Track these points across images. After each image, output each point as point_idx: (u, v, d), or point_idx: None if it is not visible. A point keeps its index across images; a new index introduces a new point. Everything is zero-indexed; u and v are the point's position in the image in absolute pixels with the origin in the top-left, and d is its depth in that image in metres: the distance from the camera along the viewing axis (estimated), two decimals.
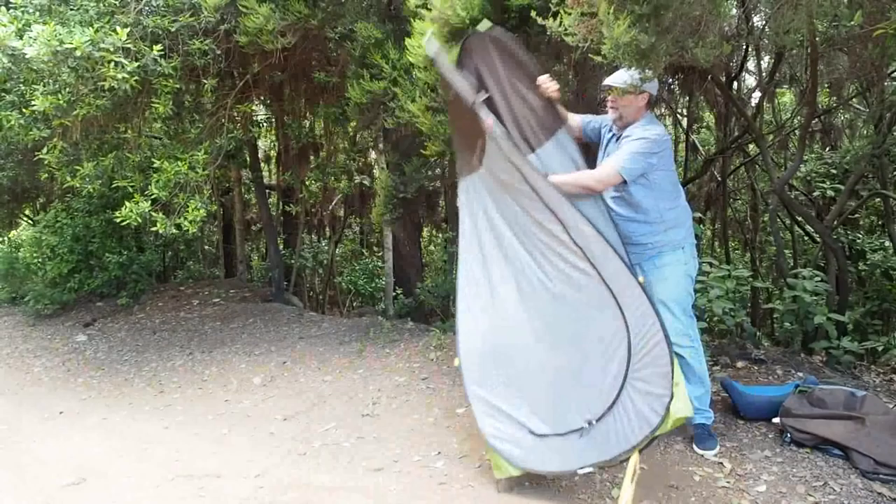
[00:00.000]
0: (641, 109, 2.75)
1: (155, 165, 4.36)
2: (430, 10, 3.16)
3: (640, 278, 2.50)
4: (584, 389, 2.50)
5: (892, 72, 4.94)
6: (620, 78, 2.71)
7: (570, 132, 2.82)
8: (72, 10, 3.82)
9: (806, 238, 6.84)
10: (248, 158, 7.09)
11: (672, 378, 2.33)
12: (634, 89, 2.67)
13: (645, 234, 2.75)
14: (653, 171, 2.66)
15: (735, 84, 5.86)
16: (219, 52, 4.31)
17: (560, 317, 2.61)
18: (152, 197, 4.25)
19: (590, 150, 3.05)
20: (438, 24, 3.10)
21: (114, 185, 4.75)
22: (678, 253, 2.77)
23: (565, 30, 2.43)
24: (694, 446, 2.77)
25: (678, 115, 7.58)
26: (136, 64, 3.72)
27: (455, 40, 3.11)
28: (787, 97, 7.63)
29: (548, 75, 2.73)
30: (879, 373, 3.68)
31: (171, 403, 4.22)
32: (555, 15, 2.55)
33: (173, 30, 3.97)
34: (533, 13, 2.67)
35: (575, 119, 2.99)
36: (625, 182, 2.62)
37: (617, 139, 2.81)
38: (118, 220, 4.13)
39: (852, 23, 2.53)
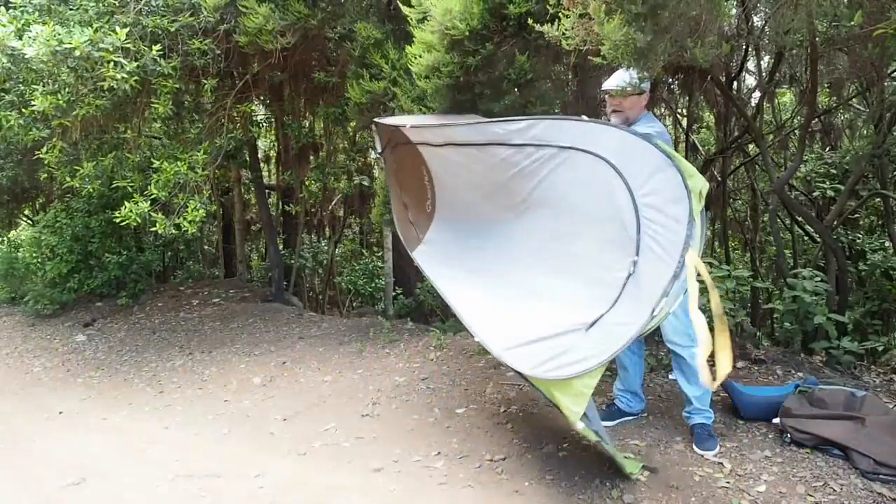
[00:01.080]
0: (642, 108, 2.77)
1: (154, 165, 4.36)
2: (430, 20, 3.17)
3: None
4: (607, 246, 2.36)
5: (892, 72, 4.93)
6: (621, 79, 2.72)
7: None
8: (71, 9, 3.83)
9: (806, 238, 6.84)
10: (247, 158, 7.08)
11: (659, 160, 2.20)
12: (635, 89, 2.68)
13: None
14: None
15: (735, 84, 5.85)
16: (218, 52, 4.31)
17: (544, 219, 2.62)
18: (152, 197, 4.25)
19: None
20: (438, 35, 3.12)
21: (113, 185, 4.75)
22: None
23: (563, 34, 2.43)
24: (694, 446, 2.77)
25: (678, 115, 7.57)
26: (135, 64, 3.73)
27: (454, 50, 3.15)
28: (787, 97, 7.62)
29: None
30: (879, 373, 3.68)
31: (170, 403, 4.22)
32: (552, 19, 2.55)
33: (173, 30, 3.97)
34: (531, 20, 2.68)
35: None
36: None
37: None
38: (118, 221, 4.14)
39: (852, 23, 2.53)
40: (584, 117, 2.57)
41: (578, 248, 2.51)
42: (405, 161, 3.26)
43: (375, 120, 3.33)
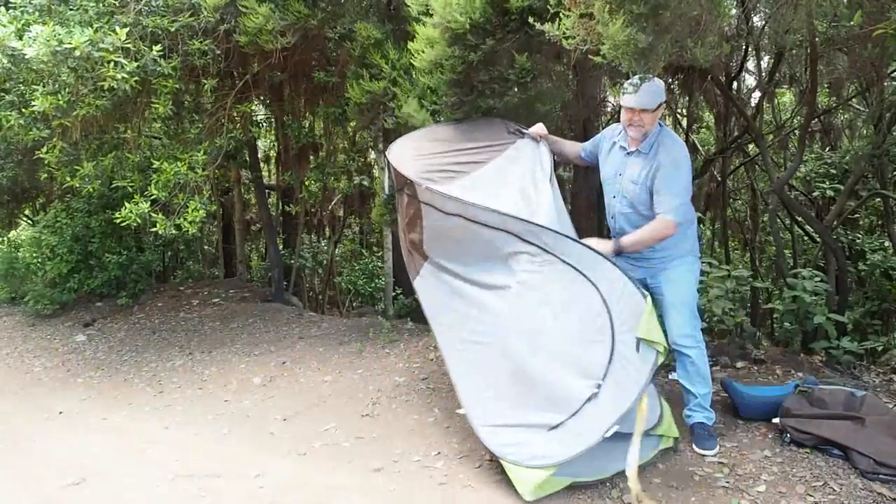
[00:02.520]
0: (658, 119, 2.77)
1: (154, 166, 4.36)
2: (431, 15, 3.16)
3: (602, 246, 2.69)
4: (580, 360, 2.56)
5: (892, 72, 4.94)
6: (650, 99, 2.65)
7: (564, 158, 3.23)
8: (71, 10, 3.82)
9: (806, 238, 6.84)
10: (247, 158, 7.09)
11: (644, 305, 2.48)
12: (660, 105, 2.71)
13: (655, 247, 2.77)
14: None
15: (735, 84, 5.86)
16: (218, 52, 4.31)
17: (531, 306, 2.71)
18: (152, 197, 4.25)
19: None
20: (440, 30, 3.12)
21: (113, 185, 4.75)
22: (687, 258, 2.84)
23: (564, 33, 2.43)
24: (694, 446, 2.78)
25: (678, 115, 7.58)
26: (135, 64, 3.72)
27: (456, 45, 3.15)
28: (786, 97, 7.63)
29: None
30: (879, 373, 3.68)
31: (170, 403, 4.22)
32: (553, 17, 2.55)
33: (173, 30, 3.97)
34: (531, 18, 2.68)
35: (574, 147, 3.23)
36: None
37: (628, 153, 2.81)
38: (118, 221, 4.13)
39: (852, 23, 2.54)
40: (593, 244, 2.71)
41: (559, 345, 2.65)
42: (411, 208, 3.27)
43: (388, 157, 3.31)
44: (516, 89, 3.38)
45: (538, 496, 2.47)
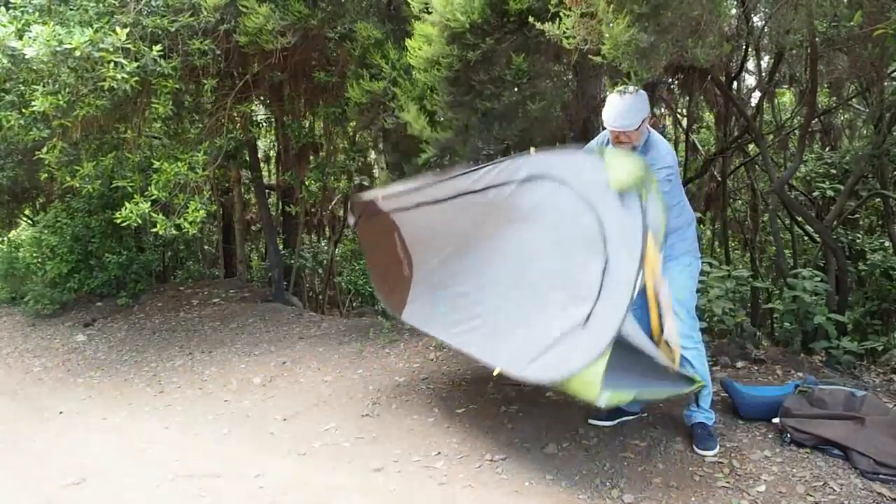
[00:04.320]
0: (645, 130, 2.72)
1: (155, 166, 4.36)
2: (431, 13, 3.17)
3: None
4: (579, 251, 2.58)
5: (892, 72, 4.93)
6: (631, 119, 2.59)
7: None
8: (71, 10, 3.83)
9: (806, 238, 6.84)
10: (247, 158, 7.08)
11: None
12: (644, 120, 2.63)
13: None
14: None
15: (735, 84, 5.86)
16: (218, 52, 4.31)
17: (536, 246, 2.80)
18: (152, 197, 4.25)
19: None
20: (439, 28, 3.12)
21: (113, 185, 4.75)
22: (684, 259, 2.81)
23: (564, 32, 2.43)
24: (694, 446, 2.77)
25: (678, 115, 7.58)
26: (135, 64, 3.73)
27: (455, 44, 3.15)
28: (786, 97, 7.63)
29: None
30: (879, 373, 3.68)
31: (170, 403, 4.22)
32: (553, 17, 2.55)
33: (173, 30, 3.97)
34: (531, 18, 2.68)
35: None
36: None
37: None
38: (118, 221, 4.13)
39: (852, 23, 2.54)
40: (532, 150, 2.75)
41: (555, 257, 2.70)
42: (378, 233, 3.51)
43: (351, 199, 3.60)
44: (516, 89, 3.38)
45: (612, 403, 2.38)
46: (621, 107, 2.57)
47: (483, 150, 3.80)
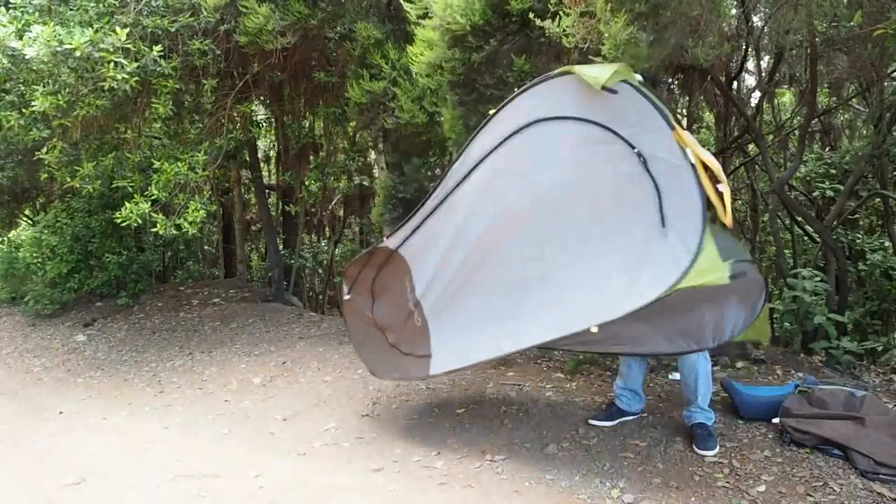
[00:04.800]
0: None
1: (155, 166, 4.36)
2: (430, 18, 3.17)
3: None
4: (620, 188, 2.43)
5: (892, 72, 4.93)
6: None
7: None
8: (71, 10, 3.83)
9: (806, 238, 6.84)
10: (247, 158, 7.08)
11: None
12: None
13: None
14: None
15: (735, 84, 5.86)
16: (218, 52, 4.31)
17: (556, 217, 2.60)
18: (152, 197, 4.25)
19: None
20: (440, 32, 3.12)
21: (113, 185, 4.75)
22: None
23: (564, 31, 2.43)
24: (694, 446, 2.77)
25: (678, 115, 7.57)
26: (135, 64, 3.73)
27: (456, 47, 3.15)
28: (786, 97, 7.62)
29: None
30: (879, 373, 3.68)
31: (170, 403, 4.22)
32: (554, 16, 2.56)
33: (173, 30, 3.97)
34: (531, 16, 2.68)
35: None
36: None
37: None
38: (118, 221, 4.14)
39: (852, 23, 2.54)
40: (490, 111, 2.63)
41: (589, 203, 2.50)
42: (384, 286, 3.24)
43: (345, 269, 3.35)
44: (517, 89, 3.38)
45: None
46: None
47: None
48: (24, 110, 4.02)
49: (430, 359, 3.00)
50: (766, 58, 5.69)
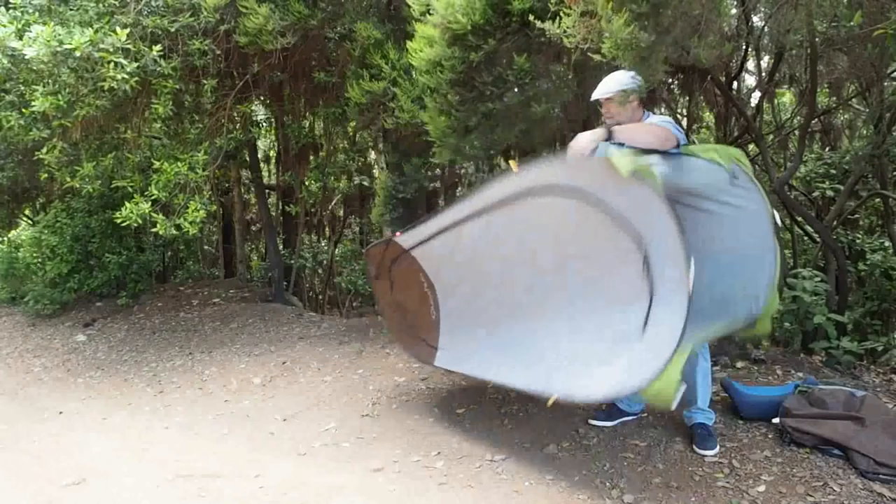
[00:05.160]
0: (637, 110, 2.74)
1: (155, 166, 4.36)
2: (432, 15, 3.17)
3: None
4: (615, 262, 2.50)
5: (892, 72, 4.93)
6: (606, 88, 2.70)
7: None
8: (71, 10, 3.82)
9: (806, 238, 6.83)
10: (247, 158, 7.08)
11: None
12: (624, 96, 2.67)
13: None
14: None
15: (735, 84, 5.85)
16: (218, 52, 4.31)
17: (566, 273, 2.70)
18: (152, 197, 4.25)
19: None
20: (440, 30, 3.12)
21: (113, 185, 4.75)
22: None
23: (564, 31, 2.43)
24: (694, 446, 2.77)
25: (678, 116, 7.57)
26: (135, 64, 3.72)
27: (456, 45, 3.15)
28: (786, 97, 7.62)
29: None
30: (879, 373, 3.68)
31: (170, 403, 4.22)
32: (554, 16, 2.56)
33: (173, 30, 3.97)
34: (532, 16, 2.68)
35: None
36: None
37: (621, 144, 2.80)
38: (118, 221, 4.13)
39: (852, 23, 2.54)
40: (513, 165, 2.66)
41: (587, 271, 2.60)
42: (401, 277, 3.36)
43: (366, 250, 3.45)
44: (516, 90, 3.38)
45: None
46: (605, 78, 2.71)
47: (484, 151, 3.79)
48: (24, 110, 4.02)
49: (437, 352, 3.28)
50: (766, 58, 5.69)
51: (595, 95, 2.74)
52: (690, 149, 2.54)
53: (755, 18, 4.42)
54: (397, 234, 3.16)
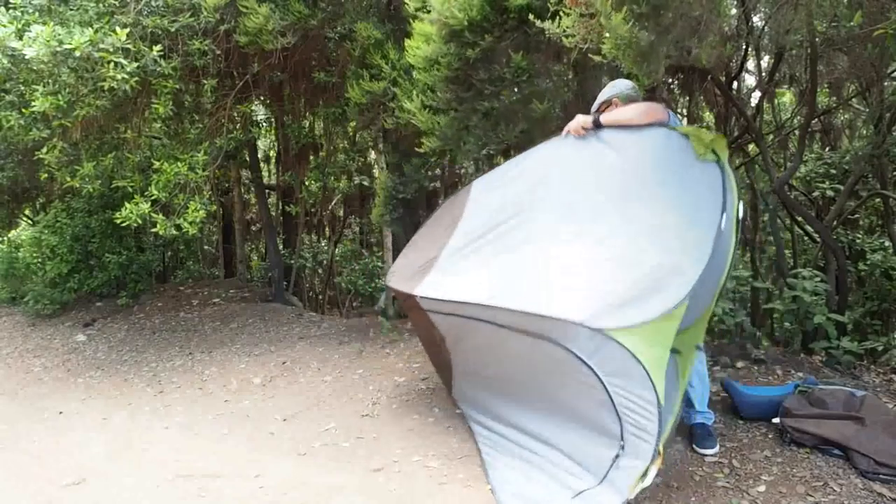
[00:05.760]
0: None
1: (154, 166, 4.36)
2: (429, 12, 3.17)
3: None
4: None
5: (892, 72, 4.93)
6: (605, 95, 2.83)
7: None
8: (71, 10, 3.82)
9: (806, 238, 6.84)
10: (247, 158, 7.08)
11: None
12: (620, 100, 2.74)
13: None
14: None
15: (735, 84, 5.85)
16: (218, 52, 4.31)
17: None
18: (152, 197, 4.25)
19: None
20: (437, 26, 3.12)
21: (113, 185, 4.75)
22: None
23: (564, 31, 2.43)
24: (694, 446, 2.77)
25: (678, 116, 7.56)
26: (135, 64, 3.73)
27: (453, 42, 3.14)
28: (786, 97, 7.62)
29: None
30: (879, 373, 3.68)
31: (170, 403, 4.22)
32: (553, 15, 2.55)
33: (173, 30, 3.97)
34: (531, 16, 2.67)
35: None
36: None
37: None
38: (118, 221, 4.14)
39: (852, 23, 2.54)
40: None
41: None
42: (418, 319, 3.25)
43: (388, 284, 3.30)
44: (515, 88, 3.38)
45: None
46: (605, 88, 2.88)
47: (483, 150, 3.79)
48: (24, 110, 4.02)
49: (452, 386, 3.31)
50: (766, 58, 5.69)
51: (598, 100, 2.85)
52: (678, 129, 2.53)
53: (755, 18, 4.42)
54: (418, 296, 2.92)
